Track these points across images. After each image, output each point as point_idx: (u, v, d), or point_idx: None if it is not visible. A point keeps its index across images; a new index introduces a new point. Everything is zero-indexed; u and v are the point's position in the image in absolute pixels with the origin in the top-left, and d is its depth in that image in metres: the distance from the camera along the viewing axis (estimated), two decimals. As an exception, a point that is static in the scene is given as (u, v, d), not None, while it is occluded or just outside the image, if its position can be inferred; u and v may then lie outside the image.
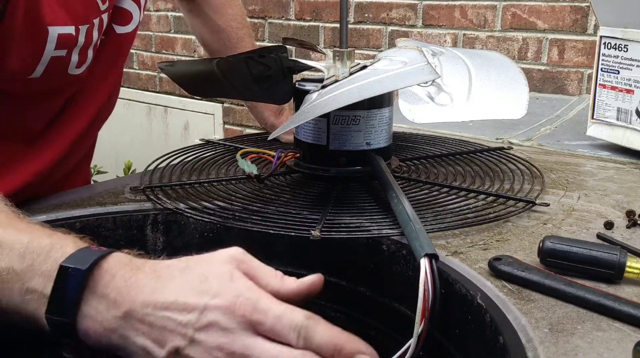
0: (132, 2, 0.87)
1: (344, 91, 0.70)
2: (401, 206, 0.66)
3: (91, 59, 0.81)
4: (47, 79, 0.75)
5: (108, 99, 0.91)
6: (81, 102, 0.86)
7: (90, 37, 0.78)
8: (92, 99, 0.87)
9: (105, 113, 0.93)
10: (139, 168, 1.01)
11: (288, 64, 0.81)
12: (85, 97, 0.86)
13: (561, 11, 1.71)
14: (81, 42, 0.77)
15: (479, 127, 1.17)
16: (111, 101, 0.93)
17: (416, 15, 1.99)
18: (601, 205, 0.77)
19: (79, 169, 0.95)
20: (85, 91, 0.85)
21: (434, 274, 0.54)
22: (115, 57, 0.89)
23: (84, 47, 0.78)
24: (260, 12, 2.39)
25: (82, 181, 0.96)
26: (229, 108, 2.60)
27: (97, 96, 0.89)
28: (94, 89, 0.87)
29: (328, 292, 0.74)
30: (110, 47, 0.86)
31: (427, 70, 0.69)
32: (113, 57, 0.89)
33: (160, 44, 2.78)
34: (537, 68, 1.78)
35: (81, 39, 0.77)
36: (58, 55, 0.75)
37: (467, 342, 0.58)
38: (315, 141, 0.80)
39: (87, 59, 0.80)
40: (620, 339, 0.48)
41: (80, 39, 0.76)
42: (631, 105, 0.99)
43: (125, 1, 0.86)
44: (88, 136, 0.91)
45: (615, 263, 0.56)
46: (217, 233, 0.76)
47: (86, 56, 0.80)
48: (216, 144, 1.01)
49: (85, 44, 0.78)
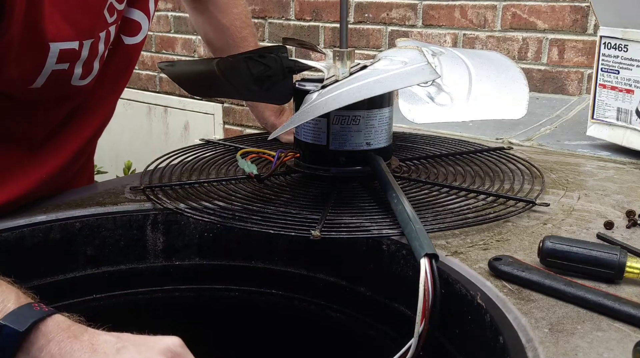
0: (140, 12, 0.86)
1: (344, 91, 0.70)
2: (401, 206, 0.66)
3: (97, 69, 0.80)
4: (49, 89, 0.74)
5: (114, 107, 0.91)
6: (88, 111, 0.85)
7: (95, 50, 0.77)
8: (99, 108, 0.86)
9: (109, 120, 0.93)
10: (139, 168, 1.01)
11: (288, 64, 0.81)
12: (92, 106, 0.85)
13: (561, 11, 1.71)
14: (85, 56, 0.75)
15: (479, 128, 1.17)
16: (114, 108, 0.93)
17: (416, 15, 1.99)
18: (601, 205, 0.77)
19: (82, 172, 0.94)
20: (91, 100, 0.84)
21: (434, 274, 0.54)
22: (124, 67, 0.88)
23: (89, 60, 0.76)
24: (260, 12, 2.39)
25: (85, 181, 0.96)
26: (229, 108, 2.60)
27: (105, 105, 0.88)
28: (102, 99, 0.86)
29: (328, 292, 0.75)
30: (119, 58, 0.85)
31: (427, 70, 0.69)
32: (122, 68, 0.88)
33: (160, 44, 2.77)
34: (537, 68, 1.78)
35: (85, 53, 0.75)
36: (60, 68, 0.73)
37: (467, 342, 0.58)
38: (315, 141, 0.80)
39: (92, 70, 0.79)
40: (620, 339, 0.48)
41: (84, 53, 0.75)
42: (631, 105, 0.99)
43: (134, 12, 0.85)
44: (92, 143, 0.91)
45: (615, 263, 0.56)
46: (217, 233, 0.76)
47: (92, 68, 0.78)
48: (216, 144, 1.01)
49: (89, 57, 0.76)
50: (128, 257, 0.77)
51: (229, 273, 0.78)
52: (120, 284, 0.77)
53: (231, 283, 0.78)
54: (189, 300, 0.79)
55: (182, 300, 0.79)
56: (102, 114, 0.88)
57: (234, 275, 0.78)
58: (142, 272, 0.77)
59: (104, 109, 0.88)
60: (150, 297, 0.78)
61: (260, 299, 0.78)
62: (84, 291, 0.75)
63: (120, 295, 0.77)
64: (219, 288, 0.79)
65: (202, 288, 0.79)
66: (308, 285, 0.75)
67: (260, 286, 0.78)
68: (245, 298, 0.78)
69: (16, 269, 0.71)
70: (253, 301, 0.78)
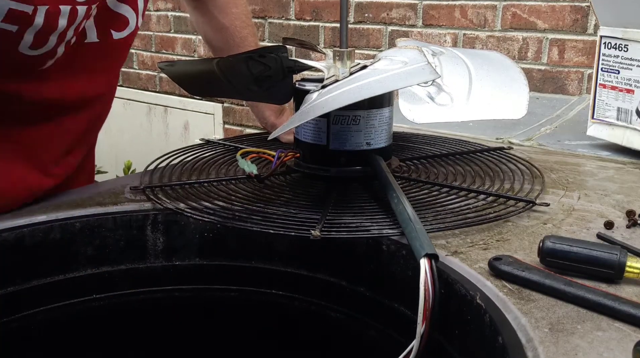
0: (129, 8, 0.86)
1: (344, 91, 0.70)
2: (401, 206, 0.66)
3: (61, 54, 0.78)
4: None
5: (105, 103, 0.91)
6: (76, 107, 0.85)
7: (53, 22, 0.74)
8: (88, 103, 0.87)
9: (103, 116, 0.93)
10: (139, 167, 1.01)
11: (288, 64, 0.81)
12: (79, 101, 0.85)
13: (561, 11, 1.71)
14: (39, 24, 0.72)
15: (479, 127, 1.17)
16: (108, 104, 0.93)
17: (416, 15, 1.99)
18: (601, 205, 0.77)
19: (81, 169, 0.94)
20: (77, 94, 0.84)
21: (434, 274, 0.54)
22: (111, 62, 0.89)
23: (43, 30, 0.73)
24: (260, 12, 2.39)
25: (85, 179, 0.96)
26: (229, 108, 2.60)
27: (97, 101, 0.88)
28: (89, 93, 0.86)
29: (328, 292, 0.75)
30: (106, 52, 0.85)
31: (427, 70, 0.69)
32: (110, 63, 0.88)
33: (160, 44, 2.77)
34: (537, 68, 1.78)
35: (39, 20, 0.72)
36: (7, 28, 0.71)
37: (467, 342, 0.58)
38: (316, 141, 0.80)
39: (47, 44, 0.76)
40: (620, 339, 0.48)
41: (37, 19, 0.72)
42: (631, 105, 0.99)
43: (122, 7, 0.85)
44: (87, 138, 0.91)
45: (616, 262, 0.56)
46: (218, 233, 0.76)
47: (46, 41, 0.75)
48: (216, 144, 1.01)
49: (44, 27, 0.73)
50: (128, 257, 0.77)
51: (229, 273, 0.78)
52: (120, 284, 0.77)
53: (231, 283, 0.78)
54: (189, 300, 0.79)
55: (182, 300, 0.79)
56: (94, 109, 0.88)
57: (234, 275, 0.78)
58: (142, 272, 0.77)
59: (93, 105, 0.88)
60: (150, 297, 0.78)
61: (260, 299, 0.78)
62: (84, 291, 0.75)
63: (120, 295, 0.77)
64: (219, 288, 0.79)
65: (202, 288, 0.79)
66: (308, 285, 0.75)
67: (260, 286, 0.78)
68: (245, 298, 0.78)
69: (16, 269, 0.71)
70: (253, 301, 0.78)
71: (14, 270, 0.71)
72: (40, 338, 0.74)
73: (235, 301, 0.79)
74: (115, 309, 0.77)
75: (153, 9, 2.76)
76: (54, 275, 0.73)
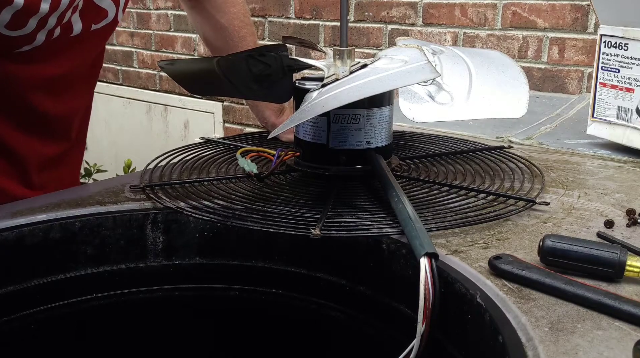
0: (110, 1, 0.88)
1: (344, 90, 0.70)
2: (401, 205, 0.66)
3: (43, 41, 0.80)
4: None
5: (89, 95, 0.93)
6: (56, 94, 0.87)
7: (34, 6, 0.75)
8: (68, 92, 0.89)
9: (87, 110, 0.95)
10: (139, 166, 1.01)
11: (288, 63, 0.81)
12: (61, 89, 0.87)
13: (561, 10, 1.71)
14: (19, 4, 0.74)
15: (479, 126, 1.17)
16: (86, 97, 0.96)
17: (416, 14, 1.99)
18: (601, 204, 0.76)
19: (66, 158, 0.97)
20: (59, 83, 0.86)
21: (434, 273, 0.54)
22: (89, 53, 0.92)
23: (23, 12, 0.75)
24: (260, 10, 2.39)
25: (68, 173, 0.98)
26: (229, 107, 2.60)
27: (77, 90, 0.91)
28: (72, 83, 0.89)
29: (328, 291, 0.75)
30: (85, 43, 0.88)
31: (427, 69, 0.69)
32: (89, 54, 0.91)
33: (160, 43, 2.77)
34: (537, 67, 1.78)
35: (19, 0, 0.74)
36: None
37: (467, 341, 0.58)
38: (315, 140, 0.80)
39: (25, 27, 0.77)
40: (620, 338, 0.48)
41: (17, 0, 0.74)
42: (631, 104, 0.99)
43: (105, 0, 0.87)
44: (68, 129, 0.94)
45: (616, 261, 0.56)
46: (218, 231, 0.76)
47: (24, 24, 0.76)
48: (216, 143, 1.01)
49: (24, 9, 0.75)
50: (128, 256, 0.77)
51: (229, 272, 0.78)
52: (120, 283, 0.77)
53: (231, 282, 0.78)
54: (189, 299, 0.79)
55: (182, 300, 0.79)
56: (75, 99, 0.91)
57: (234, 275, 0.78)
58: (142, 271, 0.77)
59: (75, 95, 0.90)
60: (151, 297, 0.78)
61: (260, 299, 0.78)
62: (84, 290, 0.75)
63: (120, 294, 0.77)
64: (219, 288, 0.79)
65: (202, 288, 0.79)
66: (308, 284, 0.75)
67: (260, 286, 0.78)
68: (245, 298, 0.78)
69: (16, 269, 0.71)
70: (253, 300, 0.78)
71: (14, 270, 0.71)
72: (40, 338, 0.74)
73: (235, 300, 0.79)
74: (115, 308, 0.77)
75: (153, 8, 2.76)
76: (54, 275, 0.73)
